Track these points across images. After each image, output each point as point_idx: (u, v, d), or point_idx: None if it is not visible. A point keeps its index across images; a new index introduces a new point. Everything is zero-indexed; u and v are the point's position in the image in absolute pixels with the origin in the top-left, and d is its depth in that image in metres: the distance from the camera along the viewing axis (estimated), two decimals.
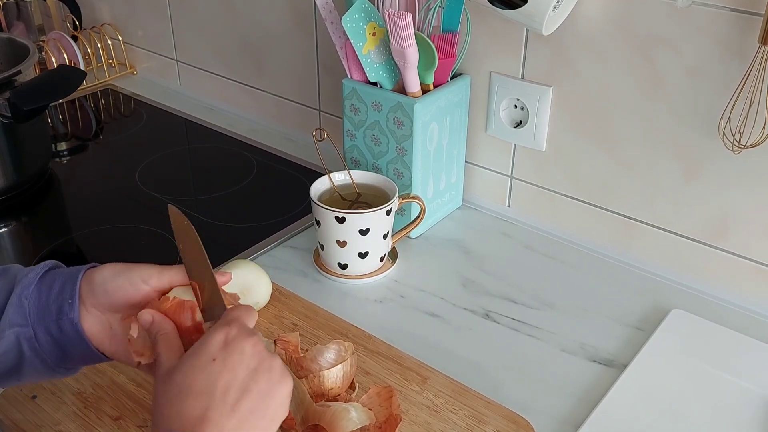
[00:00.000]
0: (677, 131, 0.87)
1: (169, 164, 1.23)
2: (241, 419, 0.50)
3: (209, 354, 0.51)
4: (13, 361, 0.59)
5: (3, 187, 1.10)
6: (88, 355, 0.60)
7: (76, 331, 0.58)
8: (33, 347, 0.58)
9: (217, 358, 0.51)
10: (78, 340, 0.58)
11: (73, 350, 0.59)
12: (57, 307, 0.58)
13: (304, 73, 1.24)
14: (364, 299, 0.91)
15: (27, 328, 0.58)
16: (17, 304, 0.58)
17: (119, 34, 1.52)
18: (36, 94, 1.05)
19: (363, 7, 0.90)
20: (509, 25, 0.94)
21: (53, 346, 0.59)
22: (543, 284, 0.92)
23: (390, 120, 0.94)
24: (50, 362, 0.59)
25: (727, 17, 0.79)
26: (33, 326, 0.58)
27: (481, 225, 1.05)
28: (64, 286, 0.59)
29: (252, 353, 0.52)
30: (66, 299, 0.58)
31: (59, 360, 0.59)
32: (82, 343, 0.59)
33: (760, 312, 0.88)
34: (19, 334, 0.58)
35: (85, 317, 0.59)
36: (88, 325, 0.59)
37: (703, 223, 0.89)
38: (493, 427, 0.70)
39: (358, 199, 0.95)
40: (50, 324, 0.58)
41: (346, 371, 0.68)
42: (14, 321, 0.58)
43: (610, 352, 0.82)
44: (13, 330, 0.58)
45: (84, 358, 0.60)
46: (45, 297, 0.59)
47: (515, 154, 1.03)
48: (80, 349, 0.59)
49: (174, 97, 1.45)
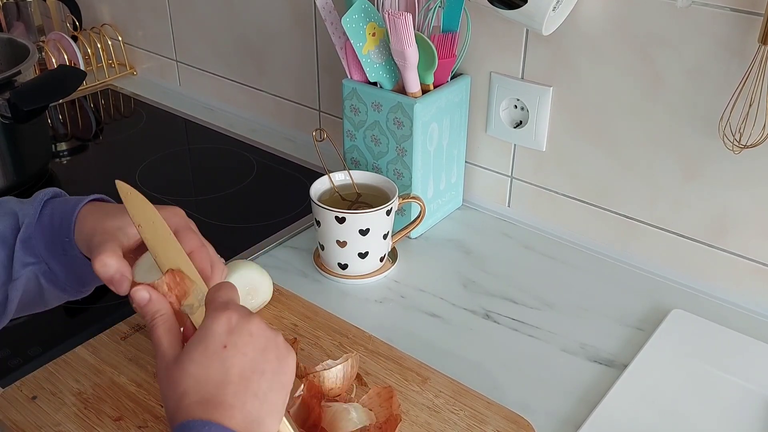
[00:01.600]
0: (677, 131, 0.87)
1: (169, 164, 1.23)
2: (261, 399, 0.50)
3: (218, 341, 0.51)
4: (34, 294, 0.62)
5: (3, 187, 1.10)
6: None
7: (85, 262, 0.59)
8: (50, 280, 0.61)
9: (228, 344, 0.51)
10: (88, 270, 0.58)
11: (88, 276, 0.61)
12: (61, 243, 0.60)
13: (303, 74, 1.24)
14: (364, 299, 0.91)
15: (41, 264, 0.61)
16: (25, 242, 0.60)
17: (119, 35, 1.52)
18: (36, 95, 1.05)
19: (363, 8, 0.90)
20: (509, 25, 0.94)
21: (69, 274, 0.61)
22: (543, 284, 0.92)
23: (390, 120, 0.94)
24: (69, 289, 0.62)
25: (727, 17, 0.79)
26: (45, 261, 0.61)
27: (481, 225, 1.05)
28: (61, 224, 0.60)
29: (258, 334, 0.52)
30: (64, 237, 0.60)
31: (78, 285, 0.62)
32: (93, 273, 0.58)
33: (760, 312, 0.88)
34: (35, 270, 0.61)
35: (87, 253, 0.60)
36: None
37: (703, 223, 0.89)
38: (494, 427, 0.70)
39: (358, 200, 0.95)
40: (60, 257, 0.60)
41: (347, 371, 0.69)
42: (26, 260, 0.60)
43: (610, 352, 0.82)
44: (28, 268, 0.60)
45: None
46: (49, 233, 0.60)
47: (515, 154, 1.03)
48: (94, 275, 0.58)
49: (174, 98, 1.45)
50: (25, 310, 0.64)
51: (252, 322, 0.52)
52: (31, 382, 0.74)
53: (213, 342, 0.51)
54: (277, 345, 0.53)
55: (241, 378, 0.50)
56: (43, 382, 0.74)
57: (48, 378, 0.74)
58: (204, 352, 0.51)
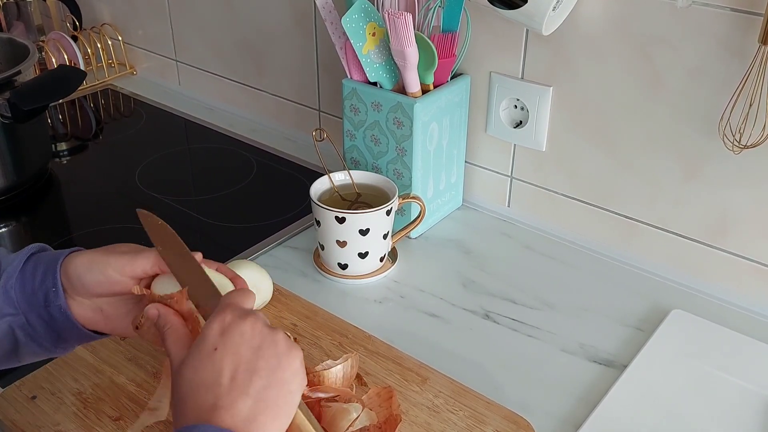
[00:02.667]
0: (677, 131, 0.87)
1: (169, 164, 1.23)
2: (256, 398, 0.50)
3: (209, 344, 0.51)
4: (9, 347, 0.59)
5: (3, 187, 1.10)
6: (83, 337, 0.60)
7: (67, 317, 0.59)
8: (27, 333, 0.59)
9: (218, 346, 0.51)
10: (70, 324, 0.59)
11: (67, 333, 0.60)
12: (43, 294, 0.59)
13: (303, 73, 1.24)
14: (364, 299, 0.90)
15: (18, 317, 0.59)
16: (4, 294, 0.58)
17: (119, 34, 1.52)
18: (36, 94, 1.05)
19: (363, 7, 0.90)
20: (509, 25, 0.94)
21: (47, 330, 0.59)
22: (543, 284, 0.92)
23: (390, 120, 0.94)
24: (46, 344, 0.60)
25: (727, 17, 0.78)
26: (24, 314, 0.59)
27: (481, 225, 1.05)
28: (45, 275, 0.59)
29: (252, 333, 0.52)
30: (50, 288, 0.59)
31: (55, 342, 0.60)
32: (74, 328, 0.59)
33: (760, 312, 0.87)
34: (11, 322, 0.58)
35: (72, 304, 0.59)
36: (78, 310, 0.59)
37: (703, 223, 0.89)
38: (493, 427, 0.70)
39: (358, 199, 0.95)
40: (40, 310, 0.59)
41: (346, 371, 0.68)
42: (4, 311, 0.58)
43: (610, 353, 0.82)
44: (5, 319, 0.58)
45: (80, 339, 0.61)
46: (30, 285, 0.59)
47: (515, 154, 1.03)
48: (74, 333, 0.59)
49: (174, 97, 1.45)
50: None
51: (245, 322, 0.52)
52: (30, 381, 0.74)
53: (205, 346, 0.51)
54: (275, 342, 0.52)
55: (232, 378, 0.50)
56: (42, 382, 0.74)
57: (47, 378, 0.74)
58: (197, 356, 0.51)
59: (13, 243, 1.07)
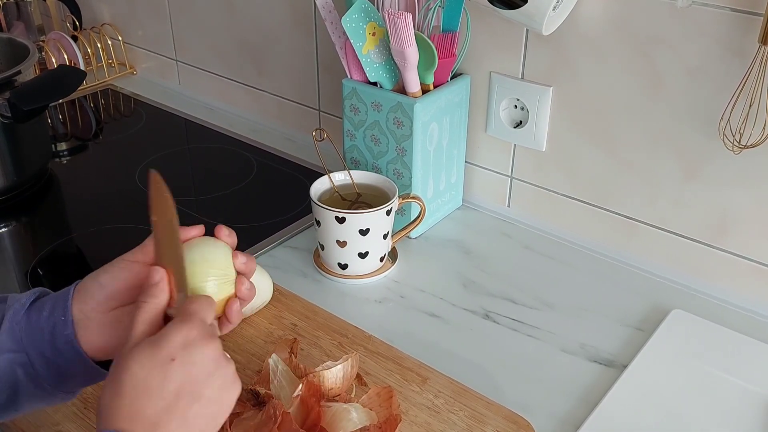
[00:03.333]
0: (677, 131, 0.87)
1: (169, 164, 1.23)
2: (187, 424, 0.49)
3: (169, 352, 0.50)
4: (8, 389, 0.57)
5: (3, 187, 1.10)
6: (89, 372, 0.58)
7: (73, 348, 0.57)
8: (28, 372, 0.57)
9: (177, 358, 0.50)
10: (76, 357, 0.57)
11: (71, 369, 0.58)
12: (50, 327, 0.57)
13: (303, 73, 1.24)
14: (364, 299, 0.90)
15: (20, 354, 0.56)
16: (8, 330, 0.57)
17: (119, 34, 1.52)
18: (36, 94, 1.05)
19: (363, 7, 0.90)
20: (509, 25, 0.94)
21: (49, 369, 0.57)
22: (543, 284, 0.92)
23: (390, 120, 0.94)
24: (47, 386, 0.58)
25: (727, 17, 0.78)
26: (26, 350, 0.57)
27: (481, 225, 1.05)
28: (55, 306, 0.57)
29: (211, 358, 0.51)
30: (59, 318, 0.57)
31: (57, 383, 0.58)
32: (80, 360, 0.57)
33: (760, 312, 0.87)
34: (12, 360, 0.56)
35: (82, 333, 0.57)
36: (88, 338, 0.57)
37: (703, 223, 0.89)
38: (493, 427, 0.70)
39: (358, 199, 0.95)
40: (44, 346, 0.57)
41: (346, 371, 0.69)
42: (5, 347, 0.56)
43: (610, 353, 0.82)
44: (6, 356, 0.56)
45: (85, 377, 0.59)
46: (35, 320, 0.57)
47: (515, 154, 1.03)
48: (80, 367, 0.57)
49: (174, 97, 1.45)
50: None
51: (208, 345, 0.51)
52: None
53: (163, 350, 0.50)
54: (225, 375, 0.52)
55: (176, 396, 0.49)
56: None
57: None
58: (151, 357, 0.49)
59: (13, 243, 1.07)
